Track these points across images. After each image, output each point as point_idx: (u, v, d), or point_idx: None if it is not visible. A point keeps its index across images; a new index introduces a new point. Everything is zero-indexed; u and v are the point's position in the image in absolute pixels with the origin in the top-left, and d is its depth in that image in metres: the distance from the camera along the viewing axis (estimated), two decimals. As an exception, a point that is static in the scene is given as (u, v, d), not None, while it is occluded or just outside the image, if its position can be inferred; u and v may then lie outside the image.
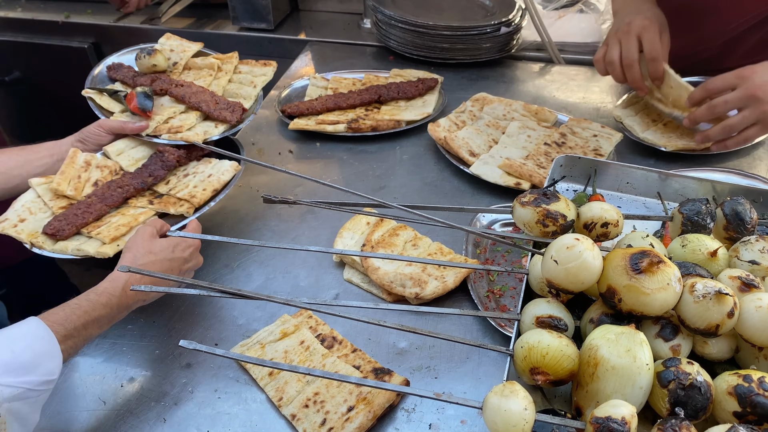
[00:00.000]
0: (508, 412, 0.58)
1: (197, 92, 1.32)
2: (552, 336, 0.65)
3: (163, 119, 1.29)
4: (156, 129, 1.27)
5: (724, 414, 0.61)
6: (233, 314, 1.09)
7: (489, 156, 1.39)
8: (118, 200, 1.16)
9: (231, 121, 1.29)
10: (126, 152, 1.27)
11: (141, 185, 1.20)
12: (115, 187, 1.18)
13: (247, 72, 1.45)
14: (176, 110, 1.32)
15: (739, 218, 0.78)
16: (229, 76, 1.43)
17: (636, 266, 0.65)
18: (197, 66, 1.45)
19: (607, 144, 1.42)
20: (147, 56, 1.38)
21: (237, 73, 1.45)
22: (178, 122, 1.29)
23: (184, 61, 1.44)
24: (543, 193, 0.77)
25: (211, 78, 1.41)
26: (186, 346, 0.65)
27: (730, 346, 0.68)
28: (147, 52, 1.38)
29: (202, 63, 1.45)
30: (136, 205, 1.18)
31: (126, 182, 1.19)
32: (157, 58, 1.38)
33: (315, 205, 0.83)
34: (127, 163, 1.26)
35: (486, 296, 1.08)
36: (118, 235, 1.08)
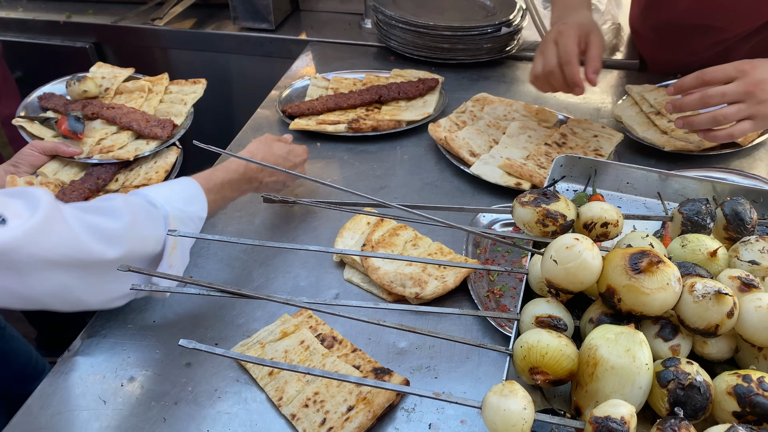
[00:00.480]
0: (507, 412, 0.58)
1: (128, 113, 1.37)
2: (551, 336, 0.65)
3: (95, 141, 1.33)
4: (89, 152, 1.31)
5: (724, 414, 0.61)
6: (233, 314, 1.09)
7: (489, 156, 1.39)
8: (79, 201, 1.18)
9: (162, 137, 1.34)
10: (62, 171, 1.31)
11: (94, 186, 1.24)
12: (70, 191, 1.21)
13: (177, 91, 1.50)
14: (108, 131, 1.36)
15: (739, 218, 0.78)
16: (160, 97, 1.48)
17: (635, 266, 0.65)
18: (128, 90, 1.49)
19: (607, 144, 1.42)
20: (77, 83, 1.41)
21: (168, 93, 1.50)
22: (110, 142, 1.34)
23: (115, 86, 1.49)
24: (543, 193, 0.77)
25: (142, 100, 1.45)
26: (186, 345, 0.65)
27: (729, 346, 0.68)
28: (77, 78, 1.42)
29: (133, 86, 1.49)
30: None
31: (78, 187, 1.22)
32: (87, 84, 1.42)
33: (315, 204, 0.83)
34: (68, 177, 1.30)
35: (486, 296, 1.08)
36: None
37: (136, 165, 1.34)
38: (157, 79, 1.51)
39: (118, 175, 1.32)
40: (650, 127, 1.48)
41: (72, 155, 1.28)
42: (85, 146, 1.32)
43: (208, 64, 2.25)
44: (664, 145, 1.40)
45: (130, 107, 1.40)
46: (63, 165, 1.32)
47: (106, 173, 1.29)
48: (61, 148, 1.28)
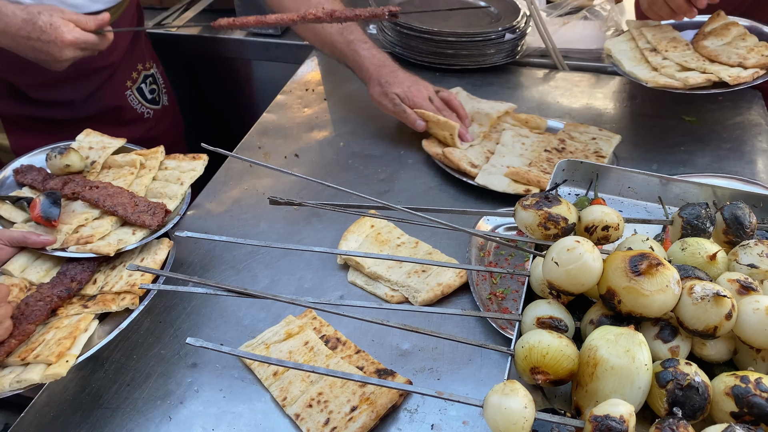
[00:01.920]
0: (508, 410, 0.59)
1: (114, 194, 1.14)
2: (552, 336, 0.66)
3: (72, 228, 1.10)
4: (64, 241, 1.08)
5: (722, 414, 0.62)
6: (238, 315, 1.10)
7: (491, 166, 1.40)
8: (44, 314, 0.98)
9: (151, 226, 1.10)
10: (31, 266, 1.08)
11: (65, 292, 1.02)
12: (34, 301, 0.99)
13: (174, 168, 1.26)
14: (88, 216, 1.12)
15: (738, 222, 0.79)
16: (154, 174, 1.25)
17: (635, 268, 0.66)
18: (117, 164, 1.26)
19: (606, 146, 1.44)
20: (59, 156, 1.20)
21: (163, 170, 1.26)
22: (89, 230, 1.10)
23: (102, 159, 1.26)
24: (545, 197, 0.78)
25: (132, 177, 1.23)
26: (193, 344, 0.67)
27: (728, 347, 0.69)
28: (59, 151, 1.20)
29: (123, 160, 1.26)
30: (69, 313, 1.00)
31: (46, 293, 1.01)
32: (70, 158, 1.20)
33: (320, 206, 0.85)
34: (37, 276, 1.06)
35: (488, 299, 1.09)
36: (63, 350, 0.91)
37: (119, 262, 1.09)
38: (151, 153, 1.28)
39: (97, 275, 1.07)
40: (641, 62, 1.50)
41: (43, 246, 1.06)
42: (60, 234, 1.08)
43: (215, 68, 2.27)
44: (648, 81, 1.42)
45: (117, 186, 1.16)
46: (33, 258, 1.09)
47: (82, 273, 1.05)
48: (31, 238, 1.06)
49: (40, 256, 1.09)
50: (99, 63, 1.56)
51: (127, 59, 1.67)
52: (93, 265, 1.07)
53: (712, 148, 1.49)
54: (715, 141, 1.51)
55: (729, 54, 1.45)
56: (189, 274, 1.17)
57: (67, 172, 1.21)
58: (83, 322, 0.96)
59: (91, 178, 1.22)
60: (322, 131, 1.64)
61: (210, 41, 2.17)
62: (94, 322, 0.97)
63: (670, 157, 1.46)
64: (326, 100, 1.77)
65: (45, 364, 0.90)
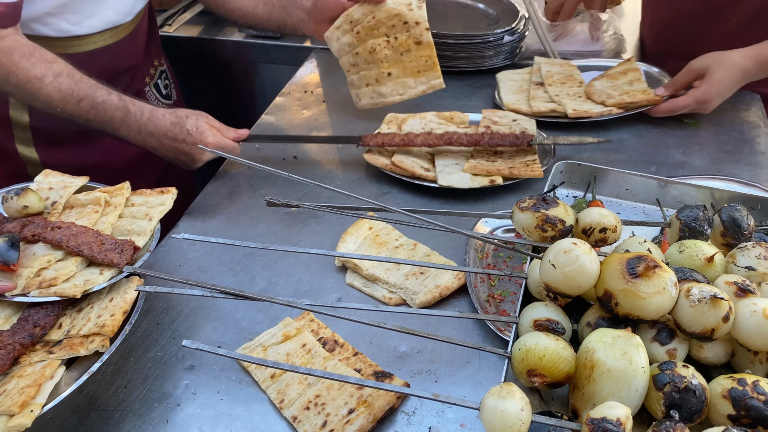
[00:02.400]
0: (504, 413, 0.59)
1: (77, 233, 1.07)
2: (549, 339, 0.66)
3: (33, 271, 1.02)
4: (25, 286, 1.00)
5: (719, 417, 0.61)
6: (236, 317, 1.10)
7: (442, 166, 1.40)
8: (6, 364, 0.91)
9: (119, 265, 1.03)
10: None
11: (28, 339, 0.94)
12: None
13: (141, 203, 1.18)
14: (51, 258, 1.04)
15: (736, 225, 0.79)
16: (120, 211, 1.16)
17: (632, 270, 0.66)
18: (80, 203, 1.18)
19: (529, 125, 1.49)
20: (15, 197, 1.11)
21: (129, 206, 1.18)
22: (52, 273, 1.02)
23: (64, 198, 1.18)
24: (542, 199, 0.78)
25: (97, 215, 1.14)
26: (189, 346, 0.67)
27: (725, 350, 0.68)
28: (15, 192, 1.11)
29: (86, 199, 1.18)
30: (32, 361, 0.93)
31: (6, 341, 0.93)
32: (28, 199, 1.11)
33: (317, 208, 0.85)
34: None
35: (486, 301, 1.08)
36: (27, 399, 0.85)
37: (86, 304, 1.01)
38: (116, 190, 1.19)
39: (62, 319, 1.00)
40: (518, 92, 1.66)
41: (2, 292, 0.98)
42: (21, 279, 1.00)
43: (214, 70, 2.27)
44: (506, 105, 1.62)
45: (80, 226, 1.09)
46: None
47: (46, 317, 0.97)
48: None
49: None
50: (124, 64, 1.58)
51: (146, 56, 1.68)
52: (58, 308, 0.99)
53: (710, 151, 1.49)
54: (714, 143, 1.51)
55: (601, 94, 1.60)
56: (186, 276, 1.17)
57: (26, 214, 1.12)
58: (48, 369, 0.89)
59: (53, 218, 1.14)
60: (321, 133, 1.64)
61: (210, 43, 2.17)
62: (60, 369, 0.91)
63: (669, 160, 1.46)
64: (325, 102, 1.77)
65: (7, 416, 0.84)
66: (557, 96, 1.62)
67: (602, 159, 1.48)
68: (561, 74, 1.71)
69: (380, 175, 1.46)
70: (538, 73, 1.73)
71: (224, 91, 2.33)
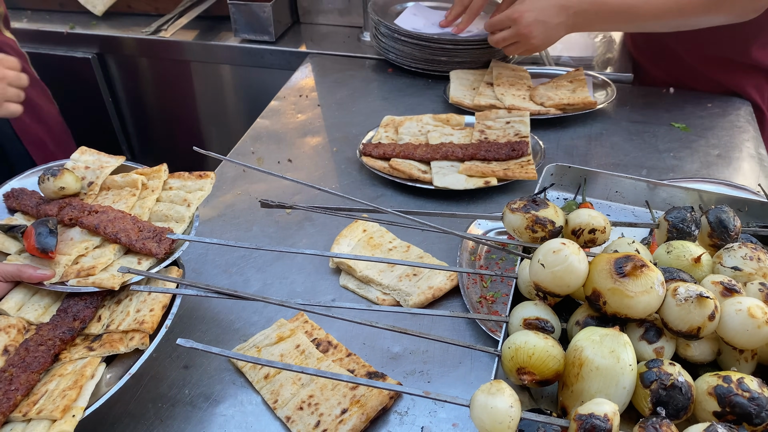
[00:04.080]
0: (494, 410, 0.60)
1: (115, 219, 1.03)
2: (538, 337, 0.67)
3: (71, 259, 0.99)
4: (63, 274, 0.97)
5: (705, 414, 0.62)
6: (230, 318, 1.11)
7: (438, 167, 1.42)
8: (47, 361, 0.89)
9: (158, 254, 0.99)
10: (28, 303, 0.98)
11: (68, 334, 0.92)
12: (35, 346, 0.90)
13: (179, 187, 1.13)
14: (89, 245, 1.01)
15: (723, 226, 0.80)
16: (157, 194, 1.12)
17: (620, 270, 0.67)
18: (117, 185, 1.14)
19: (523, 127, 1.51)
20: (52, 178, 1.07)
21: (167, 190, 1.13)
22: (90, 261, 0.99)
23: (101, 179, 1.14)
24: (532, 200, 0.79)
25: (134, 198, 1.11)
26: (183, 344, 0.68)
27: (712, 348, 0.70)
28: (52, 173, 1.08)
29: (123, 181, 1.14)
30: (73, 358, 0.91)
31: (47, 336, 0.91)
32: (64, 179, 1.08)
33: (311, 209, 0.86)
34: (36, 314, 0.96)
35: (478, 302, 1.09)
36: (69, 403, 0.82)
37: (124, 295, 0.98)
38: (153, 172, 1.15)
39: (101, 311, 0.97)
40: (468, 89, 1.72)
41: (40, 280, 0.95)
42: (59, 267, 0.97)
43: (210, 74, 2.28)
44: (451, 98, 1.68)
45: (118, 210, 1.06)
46: (30, 294, 0.98)
47: (86, 309, 0.95)
48: (26, 272, 0.95)
49: (37, 291, 0.98)
50: None
51: None
52: (96, 300, 0.97)
53: (701, 155, 1.50)
54: (704, 147, 1.53)
55: (542, 96, 1.66)
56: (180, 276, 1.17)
57: (63, 195, 1.09)
58: (89, 368, 0.87)
59: (89, 201, 1.11)
60: (316, 137, 1.65)
61: (204, 48, 2.18)
62: (101, 367, 0.89)
63: (659, 163, 1.48)
64: (320, 106, 1.78)
65: (49, 420, 0.82)
66: (502, 95, 1.68)
67: (594, 162, 1.50)
68: (511, 77, 1.77)
69: (375, 178, 1.47)
70: (491, 74, 1.79)
71: (220, 95, 2.34)
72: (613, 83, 1.72)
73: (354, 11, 2.23)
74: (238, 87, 2.29)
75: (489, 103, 1.65)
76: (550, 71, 1.83)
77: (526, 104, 1.64)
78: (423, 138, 1.54)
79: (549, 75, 1.81)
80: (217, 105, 2.38)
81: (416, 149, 1.46)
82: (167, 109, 2.47)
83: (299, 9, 2.27)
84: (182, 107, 2.42)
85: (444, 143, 1.48)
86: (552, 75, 1.81)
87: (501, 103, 1.65)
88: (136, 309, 0.94)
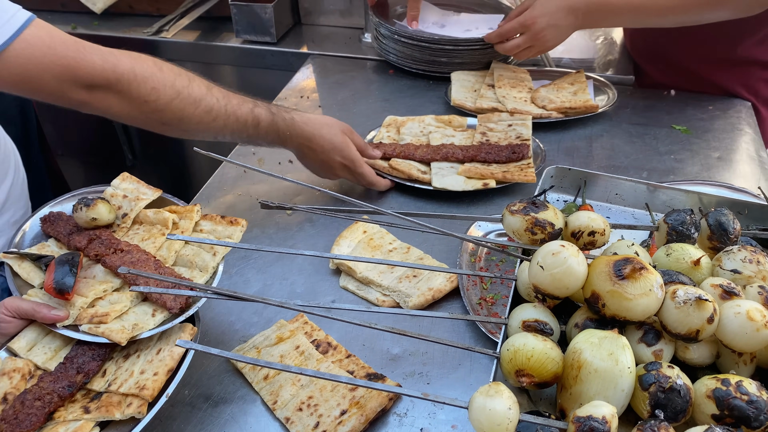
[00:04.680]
0: (492, 411, 0.60)
1: (137, 262, 1.00)
2: (537, 339, 0.67)
3: (88, 302, 0.95)
4: (77, 317, 0.94)
5: (703, 417, 0.63)
6: (230, 320, 1.11)
7: (438, 168, 1.42)
8: (39, 420, 0.85)
9: (172, 309, 0.95)
10: (39, 343, 0.95)
11: (68, 390, 0.88)
12: (32, 400, 0.86)
13: (209, 231, 1.09)
14: (107, 287, 0.98)
15: (722, 228, 0.80)
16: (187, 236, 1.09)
17: (619, 272, 0.67)
18: (149, 221, 1.11)
19: (525, 130, 1.51)
20: (85, 208, 1.05)
21: (197, 233, 1.09)
22: (106, 305, 0.96)
23: (135, 212, 1.11)
24: (532, 202, 0.80)
25: (162, 238, 1.07)
26: (182, 346, 0.68)
27: (710, 351, 0.70)
28: (86, 203, 1.06)
29: (155, 218, 1.11)
30: (66, 418, 0.87)
31: (46, 389, 0.88)
32: (97, 210, 1.06)
33: (311, 211, 0.86)
34: (44, 357, 0.93)
35: (478, 304, 1.09)
36: None
37: (133, 350, 0.94)
38: (186, 211, 1.10)
39: (108, 363, 0.94)
40: (469, 92, 1.71)
41: (54, 322, 0.93)
42: (74, 308, 0.94)
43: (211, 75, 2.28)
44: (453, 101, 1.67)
45: (143, 251, 1.02)
46: (43, 334, 0.95)
47: (92, 362, 0.91)
48: (41, 311, 0.93)
49: (49, 332, 0.95)
50: None
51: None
52: (104, 352, 0.93)
53: (701, 157, 1.50)
54: (705, 150, 1.53)
55: (544, 99, 1.65)
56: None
57: (95, 226, 1.07)
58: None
59: (120, 234, 1.09)
60: (317, 138, 1.65)
61: (205, 48, 2.18)
62: (94, 431, 0.86)
63: (660, 166, 1.47)
64: (320, 107, 1.78)
65: None
66: (503, 97, 1.67)
67: (594, 164, 1.50)
68: (512, 78, 1.76)
69: (375, 180, 1.47)
70: (492, 76, 1.78)
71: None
72: (614, 85, 1.72)
73: (355, 12, 2.23)
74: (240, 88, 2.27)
75: (491, 106, 1.65)
76: (550, 71, 1.83)
77: (528, 107, 1.64)
78: (425, 139, 1.54)
79: (550, 75, 1.81)
80: (218, 106, 2.38)
81: (417, 150, 1.46)
82: (168, 110, 2.47)
83: (300, 10, 2.27)
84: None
85: (445, 144, 1.48)
86: (553, 75, 1.81)
87: (503, 106, 1.65)
88: (140, 370, 0.90)
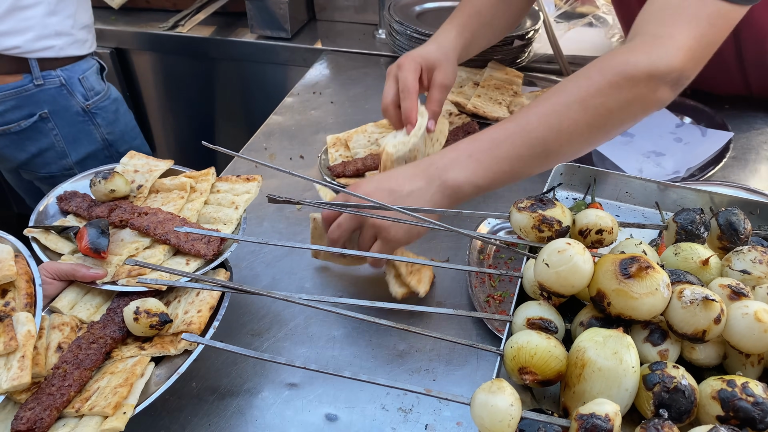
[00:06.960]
0: (494, 408, 0.60)
1: (164, 221, 1.05)
2: (541, 337, 0.67)
3: (122, 259, 1.01)
4: (114, 274, 0.99)
5: (708, 418, 0.62)
6: (238, 313, 1.12)
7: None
8: (99, 358, 0.90)
9: (206, 255, 1.00)
10: (81, 302, 0.99)
11: (119, 333, 0.93)
12: (87, 344, 0.91)
13: (226, 190, 1.15)
14: (139, 245, 1.03)
15: (732, 228, 0.79)
16: (206, 197, 1.14)
17: (625, 271, 0.66)
18: (166, 188, 1.16)
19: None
20: (103, 181, 1.10)
21: (215, 193, 1.15)
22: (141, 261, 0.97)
23: (150, 183, 1.16)
24: (540, 199, 0.79)
25: (182, 201, 1.12)
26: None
27: (717, 352, 0.69)
28: (103, 176, 1.11)
29: (172, 184, 1.15)
30: (124, 356, 0.92)
31: (98, 334, 0.92)
32: (115, 182, 1.11)
33: (318, 205, 0.86)
34: (87, 313, 0.97)
35: (486, 301, 1.09)
36: (120, 400, 0.83)
37: (173, 296, 0.99)
38: (202, 175, 1.17)
39: None
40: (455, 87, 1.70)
41: (93, 279, 0.97)
42: (110, 266, 0.99)
43: (226, 70, 2.30)
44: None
45: (167, 212, 1.07)
46: (82, 293, 0.99)
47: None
48: (80, 271, 0.96)
49: (89, 290, 1.00)
50: None
51: None
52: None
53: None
54: (720, 149, 1.51)
55: (518, 105, 1.64)
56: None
57: (113, 198, 1.12)
58: (139, 366, 0.88)
59: (138, 203, 1.13)
60: (328, 133, 1.65)
61: (221, 44, 2.20)
62: (150, 366, 0.90)
63: (673, 165, 1.46)
64: (333, 103, 1.79)
65: (101, 417, 0.82)
66: (479, 96, 1.64)
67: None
68: (501, 80, 1.73)
69: (385, 176, 1.47)
70: (481, 75, 1.77)
71: (235, 91, 2.35)
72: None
73: (370, 8, 2.23)
74: (254, 83, 2.31)
75: (456, 100, 1.65)
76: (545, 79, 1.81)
77: (496, 110, 1.60)
78: (375, 147, 1.49)
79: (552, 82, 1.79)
80: (232, 101, 2.40)
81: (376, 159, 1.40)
82: (183, 105, 2.49)
83: (315, 6, 2.28)
84: (198, 103, 2.45)
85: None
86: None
87: (466, 103, 1.63)
88: (184, 311, 0.95)
